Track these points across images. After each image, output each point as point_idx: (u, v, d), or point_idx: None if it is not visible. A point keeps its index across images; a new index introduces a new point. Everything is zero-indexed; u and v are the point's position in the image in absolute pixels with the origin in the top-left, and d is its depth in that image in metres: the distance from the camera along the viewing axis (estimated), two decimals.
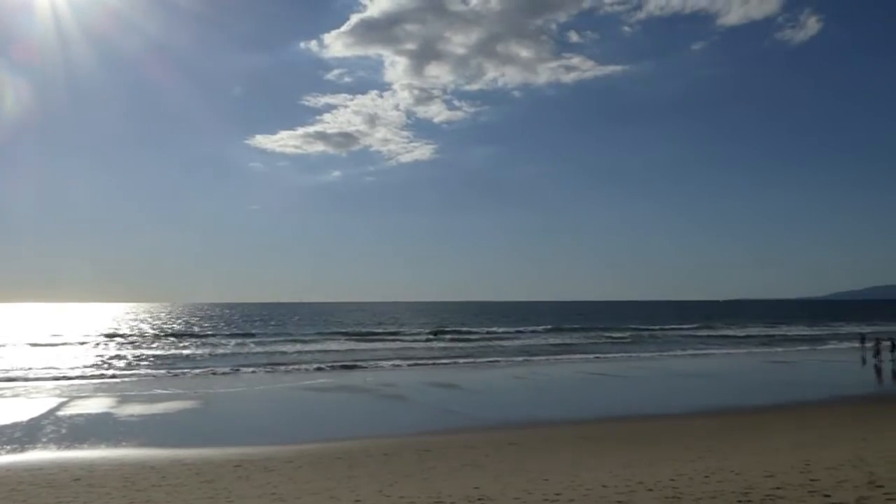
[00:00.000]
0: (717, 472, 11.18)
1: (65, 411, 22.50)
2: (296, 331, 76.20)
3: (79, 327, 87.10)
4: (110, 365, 39.78)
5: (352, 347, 53.04)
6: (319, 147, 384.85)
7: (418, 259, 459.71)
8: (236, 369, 36.67)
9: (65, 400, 25.26)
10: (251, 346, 55.22)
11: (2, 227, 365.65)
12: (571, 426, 18.93)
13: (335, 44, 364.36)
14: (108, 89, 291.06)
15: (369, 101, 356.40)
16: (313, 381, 31.89)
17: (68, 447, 16.67)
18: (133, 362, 41.59)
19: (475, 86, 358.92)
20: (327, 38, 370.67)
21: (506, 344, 56.53)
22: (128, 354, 47.08)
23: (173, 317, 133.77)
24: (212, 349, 51.67)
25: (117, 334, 69.37)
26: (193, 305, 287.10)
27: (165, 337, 66.29)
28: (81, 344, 57.28)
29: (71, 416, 21.45)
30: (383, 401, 25.85)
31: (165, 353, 48.73)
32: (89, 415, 21.91)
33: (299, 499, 11.13)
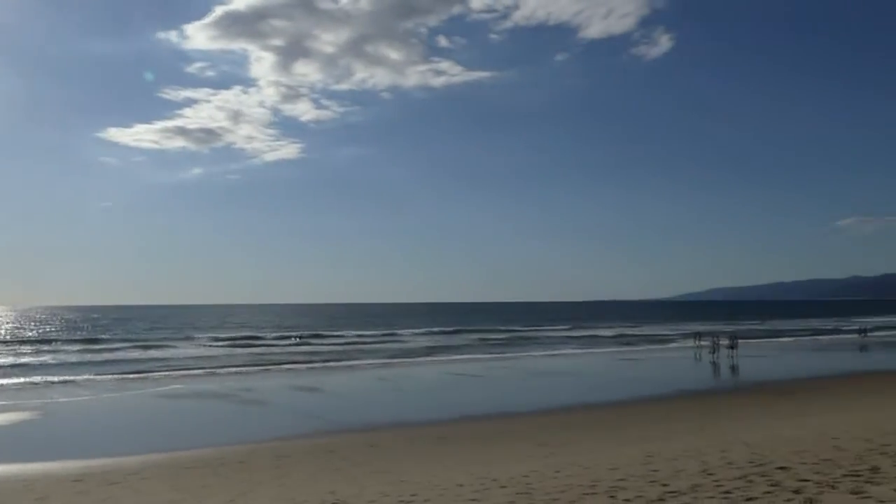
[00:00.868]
0: (568, 467, 11.59)
1: None
2: (149, 336, 72.11)
3: None
4: None
5: (210, 353, 50.88)
6: (179, 143, 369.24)
7: (282, 261, 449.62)
8: (79, 377, 34.18)
9: None
10: (98, 352, 51.62)
11: None
12: (432, 427, 19.07)
13: (198, 35, 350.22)
14: None
15: (233, 96, 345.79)
16: (166, 387, 30.28)
17: None
18: None
19: (344, 85, 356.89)
20: (189, 28, 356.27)
21: (376, 347, 56.25)
22: None
23: (11, 321, 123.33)
24: (53, 356, 47.94)
25: None
26: (36, 309, 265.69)
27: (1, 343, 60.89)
28: None
29: None
30: (241, 406, 24.98)
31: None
32: None
33: None
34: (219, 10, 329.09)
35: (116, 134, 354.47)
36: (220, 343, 61.38)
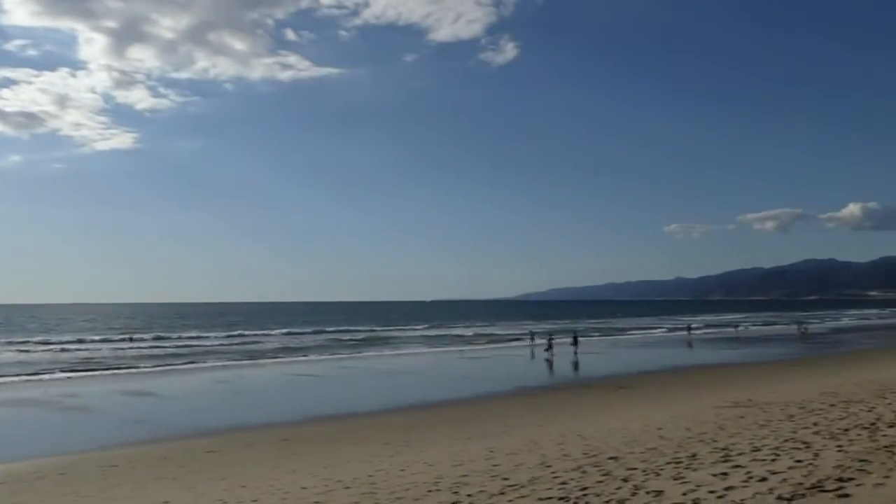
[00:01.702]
0: (412, 465, 11.65)
1: None
2: None
3: None
4: None
5: (28, 359, 46.57)
6: None
7: (116, 256, 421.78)
8: None
9: None
10: None
11: None
12: (273, 429, 18.52)
13: (18, 10, 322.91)
14: None
15: (59, 79, 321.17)
16: None
17: None
18: None
19: (184, 74, 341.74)
20: (7, 2, 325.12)
21: (219, 348, 53.82)
22: None
23: None
24: None
25: None
26: None
27: None
28: None
29: None
30: (63, 414, 23.07)
31: None
32: None
33: None
34: None
35: None
36: (42, 347, 56.37)
